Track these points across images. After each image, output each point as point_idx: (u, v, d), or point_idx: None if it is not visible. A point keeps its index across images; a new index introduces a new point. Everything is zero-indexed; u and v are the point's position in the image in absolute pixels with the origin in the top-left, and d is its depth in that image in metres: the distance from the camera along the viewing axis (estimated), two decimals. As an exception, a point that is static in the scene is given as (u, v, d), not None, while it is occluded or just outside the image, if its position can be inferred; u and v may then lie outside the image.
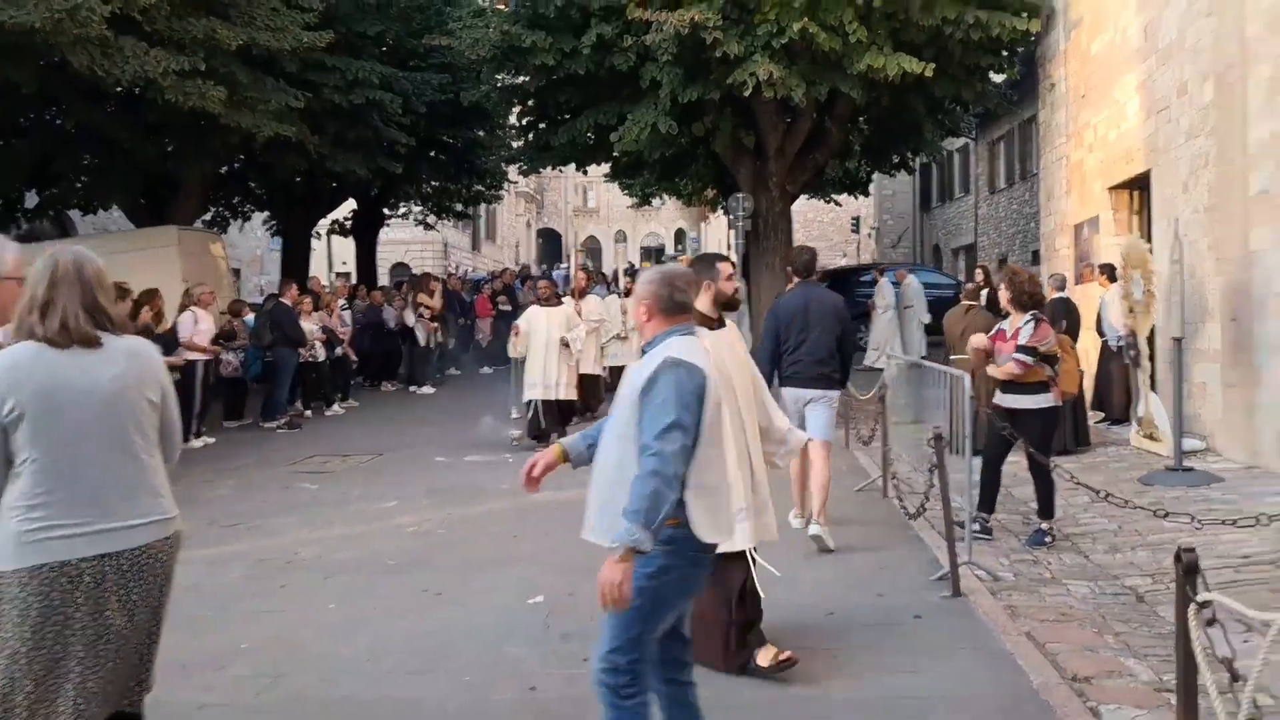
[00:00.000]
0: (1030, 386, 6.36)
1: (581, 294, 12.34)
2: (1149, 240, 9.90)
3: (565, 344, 10.03)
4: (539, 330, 10.03)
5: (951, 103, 16.03)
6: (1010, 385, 6.41)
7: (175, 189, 16.29)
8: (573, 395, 10.34)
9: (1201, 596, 2.83)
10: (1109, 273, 10.14)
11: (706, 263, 4.29)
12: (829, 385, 6.43)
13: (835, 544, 6.14)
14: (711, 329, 4.02)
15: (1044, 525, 6.49)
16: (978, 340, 6.67)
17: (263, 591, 5.72)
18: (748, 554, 4.18)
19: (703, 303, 3.99)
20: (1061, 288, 10.15)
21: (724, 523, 3.14)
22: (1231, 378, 8.54)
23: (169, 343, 10.86)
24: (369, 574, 6.02)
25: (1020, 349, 6.27)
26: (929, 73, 12.19)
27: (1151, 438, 8.83)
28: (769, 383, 6.28)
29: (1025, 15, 12.76)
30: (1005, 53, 14.21)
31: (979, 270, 14.84)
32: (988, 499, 6.55)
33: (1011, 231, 24.46)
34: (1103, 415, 10.55)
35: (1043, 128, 14.29)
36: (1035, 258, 17.82)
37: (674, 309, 3.14)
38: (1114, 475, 8.22)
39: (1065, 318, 9.37)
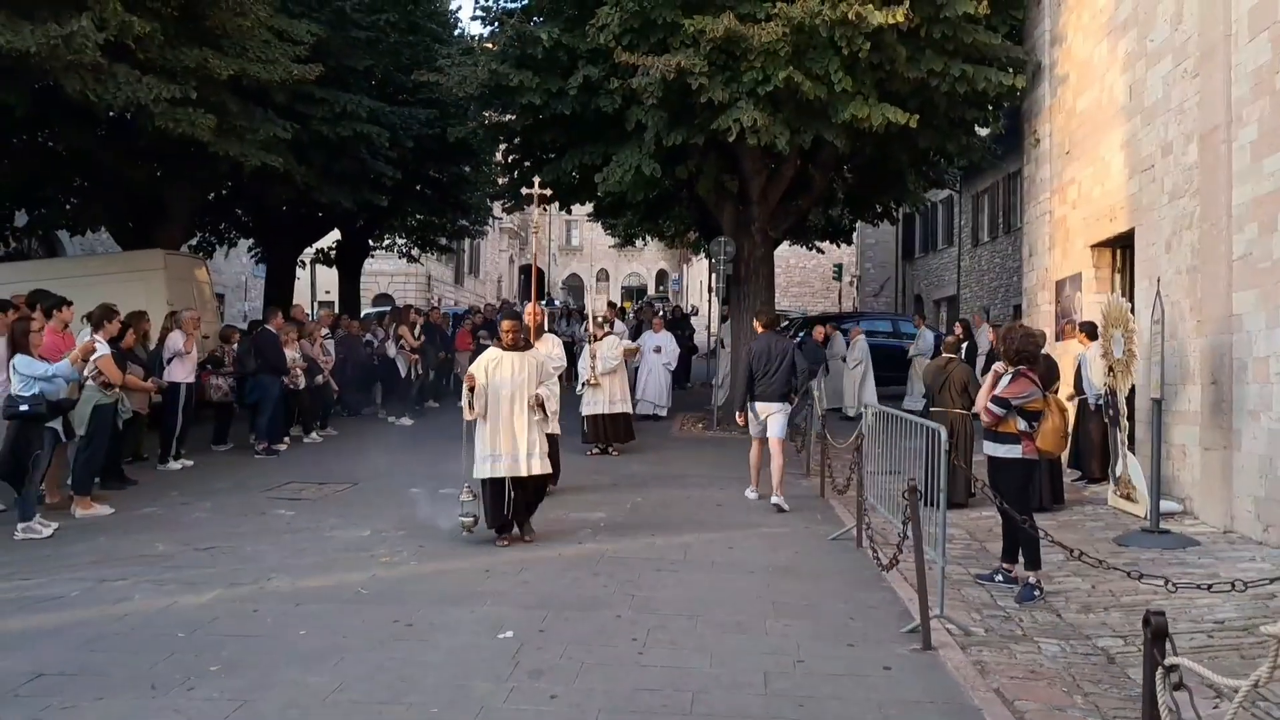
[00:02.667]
0: (1004, 436, 6.63)
1: (537, 333, 9.97)
2: (1131, 299, 9.97)
3: (540, 404, 7.61)
4: (504, 383, 7.53)
5: (935, 154, 16.26)
6: (989, 434, 6.71)
7: (162, 214, 16.32)
8: (547, 468, 7.77)
9: (1169, 661, 2.81)
10: (1089, 330, 10.19)
11: None
12: (785, 400, 9.46)
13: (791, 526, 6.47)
14: None
15: (1032, 579, 6.46)
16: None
17: (234, 614, 5.66)
18: None
19: None
20: (1041, 344, 10.19)
21: None
22: (1210, 441, 8.53)
23: (154, 364, 10.87)
24: (340, 603, 5.95)
25: (993, 400, 6.61)
26: (913, 124, 12.33)
27: (1129, 498, 8.83)
28: (741, 403, 9.84)
29: (1011, 70, 12.97)
30: (990, 106, 14.39)
31: (958, 324, 14.95)
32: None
33: (994, 285, 24.69)
34: (1079, 474, 10.57)
35: (1027, 182, 14.43)
36: (1017, 312, 17.97)
37: None
38: (1089, 534, 8.21)
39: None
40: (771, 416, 9.36)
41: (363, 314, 22.58)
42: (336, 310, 22.41)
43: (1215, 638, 5.52)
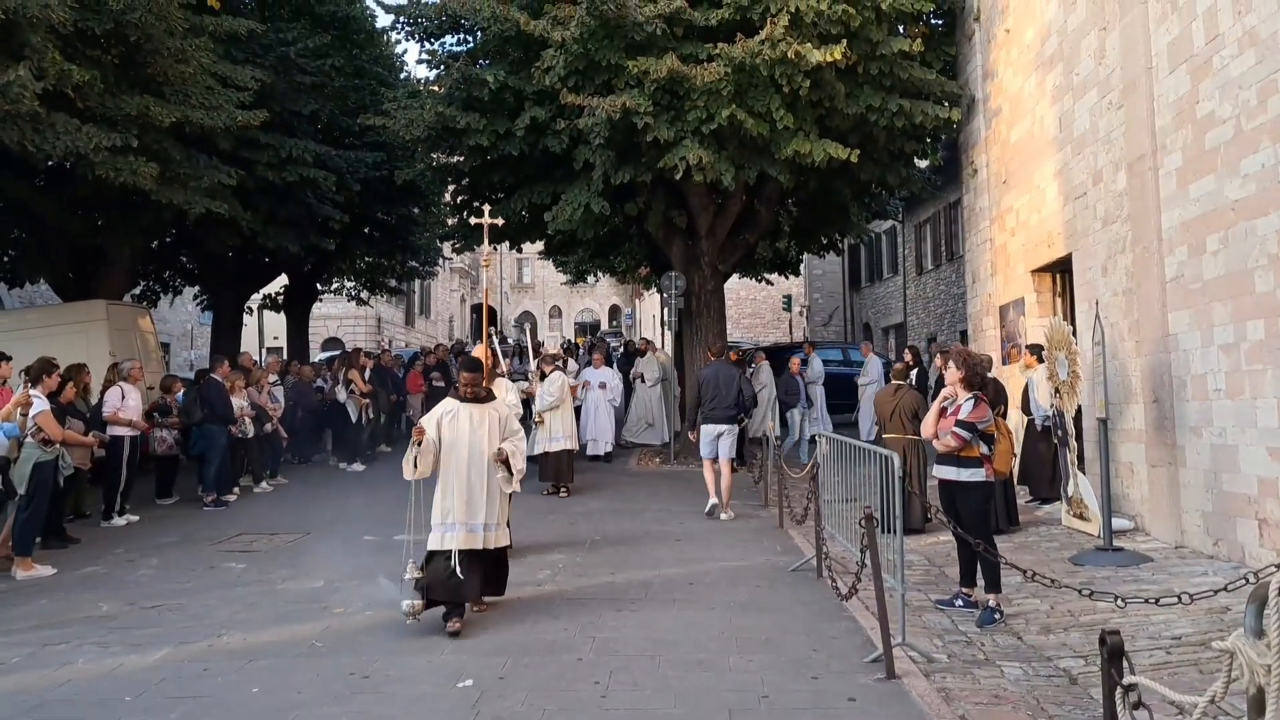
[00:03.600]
0: (968, 461, 6.63)
1: (489, 376, 8.76)
2: (1072, 322, 10.18)
3: (504, 461, 6.58)
4: (459, 439, 6.55)
5: (877, 186, 16.55)
6: (951, 459, 6.69)
7: (104, 263, 16.02)
8: (505, 539, 6.81)
9: (1127, 680, 2.84)
10: (1036, 353, 10.37)
11: None
12: (732, 421, 10.53)
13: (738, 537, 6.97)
14: None
15: (992, 602, 6.51)
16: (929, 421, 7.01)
17: (183, 675, 5.49)
18: None
19: None
20: (988, 368, 10.34)
21: None
22: (1155, 458, 8.73)
23: (95, 419, 10.62)
24: (294, 657, 5.81)
25: (959, 424, 6.58)
26: (854, 158, 12.59)
27: (1081, 517, 8.97)
28: (692, 423, 11.13)
29: (947, 104, 13.32)
30: (928, 139, 14.74)
31: (907, 350, 15.13)
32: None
33: (940, 311, 25.07)
34: (1029, 495, 10.71)
35: (966, 211, 14.73)
36: (963, 337, 18.26)
37: None
38: (1045, 555, 8.31)
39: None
40: (721, 437, 10.42)
41: (315, 358, 22.28)
42: (285, 356, 22.11)
43: (1174, 654, 5.60)
